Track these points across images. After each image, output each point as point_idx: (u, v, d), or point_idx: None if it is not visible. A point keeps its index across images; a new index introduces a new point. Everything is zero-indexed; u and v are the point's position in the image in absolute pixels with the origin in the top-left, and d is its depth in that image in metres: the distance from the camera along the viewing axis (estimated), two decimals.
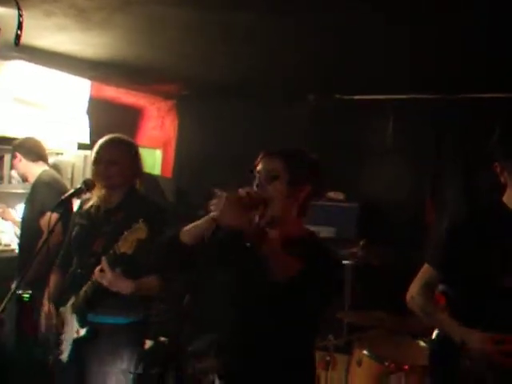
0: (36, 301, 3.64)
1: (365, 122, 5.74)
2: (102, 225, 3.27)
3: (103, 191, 3.36)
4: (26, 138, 4.87)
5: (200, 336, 5.55)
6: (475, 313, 2.65)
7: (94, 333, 3.21)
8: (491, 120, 4.71)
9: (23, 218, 4.79)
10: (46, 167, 4.83)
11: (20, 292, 3.52)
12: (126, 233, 2.93)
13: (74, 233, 3.46)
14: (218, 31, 3.76)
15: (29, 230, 4.56)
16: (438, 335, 2.94)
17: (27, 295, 3.56)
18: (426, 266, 2.84)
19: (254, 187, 2.36)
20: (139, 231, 2.90)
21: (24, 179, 4.97)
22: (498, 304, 2.58)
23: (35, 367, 4.07)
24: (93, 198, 3.43)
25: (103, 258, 3.04)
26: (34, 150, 4.80)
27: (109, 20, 3.64)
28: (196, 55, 4.54)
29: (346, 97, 5.80)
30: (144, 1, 3.24)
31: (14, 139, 4.93)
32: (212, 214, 2.25)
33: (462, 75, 4.58)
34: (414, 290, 2.84)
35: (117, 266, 3.04)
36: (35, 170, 4.76)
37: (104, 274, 3.04)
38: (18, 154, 4.79)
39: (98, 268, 3.07)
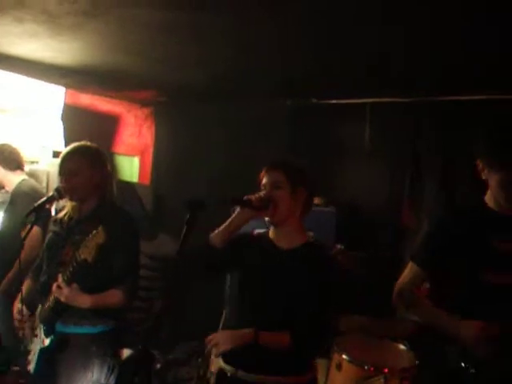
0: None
1: (342, 126, 5.75)
2: (73, 234, 3.23)
3: (73, 201, 3.33)
4: (3, 145, 4.77)
5: (180, 344, 5.52)
6: (456, 307, 2.74)
7: (60, 343, 3.16)
8: (468, 121, 4.81)
9: (3, 229, 4.70)
10: (24, 176, 4.76)
11: None
12: (86, 239, 2.90)
13: (46, 240, 3.42)
14: (193, 34, 3.72)
15: (9, 240, 4.46)
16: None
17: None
18: (410, 263, 2.95)
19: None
20: (97, 236, 2.87)
21: (0, 187, 4.89)
22: (480, 299, 2.69)
23: None
24: (67, 207, 3.40)
25: (60, 274, 3.02)
26: (11, 158, 4.72)
27: (80, 25, 3.60)
28: (171, 60, 4.51)
29: (322, 101, 5.79)
30: (115, 5, 3.20)
31: None
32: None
33: (438, 77, 4.59)
34: (399, 286, 2.94)
35: (78, 275, 3.00)
36: (13, 178, 4.68)
37: (61, 290, 3.02)
38: None
39: (54, 285, 3.04)
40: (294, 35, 3.66)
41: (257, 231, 3.24)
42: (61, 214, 3.42)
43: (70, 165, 3.26)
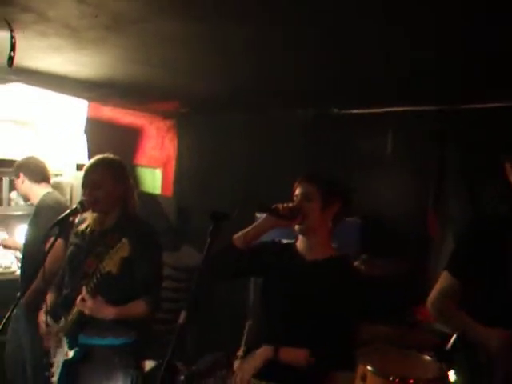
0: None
1: (364, 136, 5.71)
2: (95, 246, 3.24)
3: (96, 214, 3.34)
4: (30, 158, 4.81)
5: (204, 355, 5.50)
6: (488, 316, 2.77)
7: (83, 355, 3.17)
8: (491, 129, 4.76)
9: (27, 241, 4.72)
10: (49, 189, 4.79)
11: None
12: (110, 251, 2.91)
13: (68, 252, 3.44)
14: (215, 45, 3.72)
15: (32, 253, 4.47)
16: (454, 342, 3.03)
17: None
18: (445, 273, 2.98)
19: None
20: (122, 249, 2.89)
21: (26, 199, 4.93)
22: None
23: None
24: (88, 219, 3.41)
25: (84, 287, 3.03)
26: (37, 171, 4.75)
27: (103, 39, 3.62)
28: (193, 71, 4.51)
29: (344, 111, 5.77)
30: (137, 18, 3.21)
31: (13, 161, 4.89)
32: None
33: (461, 86, 4.54)
34: (433, 295, 2.98)
35: (102, 287, 3.00)
36: (38, 191, 4.71)
37: (85, 303, 3.03)
38: (21, 175, 4.73)
39: (79, 298, 3.05)
40: (316, 44, 3.64)
41: (278, 240, 3.25)
42: (82, 227, 3.44)
43: (94, 177, 3.29)
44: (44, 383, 3.37)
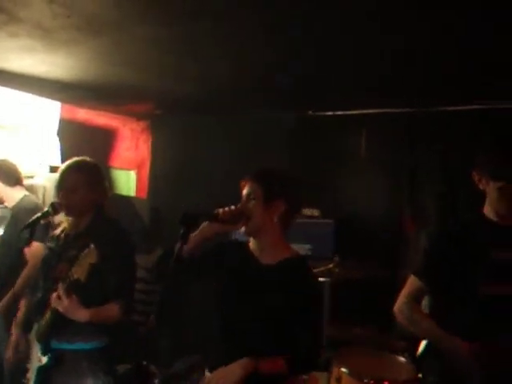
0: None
1: (338, 138, 5.72)
2: (68, 250, 3.21)
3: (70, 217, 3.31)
4: (2, 161, 4.77)
5: (181, 358, 5.48)
6: (457, 321, 2.78)
7: (56, 360, 3.13)
8: (465, 132, 4.80)
9: (2, 243, 4.66)
10: (25, 192, 4.75)
11: None
12: (79, 257, 2.87)
13: (43, 256, 3.41)
14: (188, 47, 3.71)
15: (8, 256, 4.44)
16: (425, 348, 3.04)
17: None
18: (412, 277, 2.98)
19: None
20: (89, 255, 2.85)
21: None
22: (481, 311, 2.72)
23: None
24: (64, 223, 3.38)
25: (60, 284, 2.99)
26: (11, 174, 4.71)
27: (75, 40, 3.59)
28: (166, 73, 4.50)
29: (318, 113, 5.78)
30: (109, 19, 3.19)
31: None
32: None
33: (435, 88, 4.57)
34: (401, 301, 2.98)
35: (72, 292, 2.97)
36: (14, 194, 4.67)
37: (60, 301, 2.99)
38: None
39: (55, 294, 3.01)
40: (291, 46, 3.64)
41: (234, 239, 3.20)
42: (57, 231, 3.40)
43: (69, 181, 3.25)
44: None
